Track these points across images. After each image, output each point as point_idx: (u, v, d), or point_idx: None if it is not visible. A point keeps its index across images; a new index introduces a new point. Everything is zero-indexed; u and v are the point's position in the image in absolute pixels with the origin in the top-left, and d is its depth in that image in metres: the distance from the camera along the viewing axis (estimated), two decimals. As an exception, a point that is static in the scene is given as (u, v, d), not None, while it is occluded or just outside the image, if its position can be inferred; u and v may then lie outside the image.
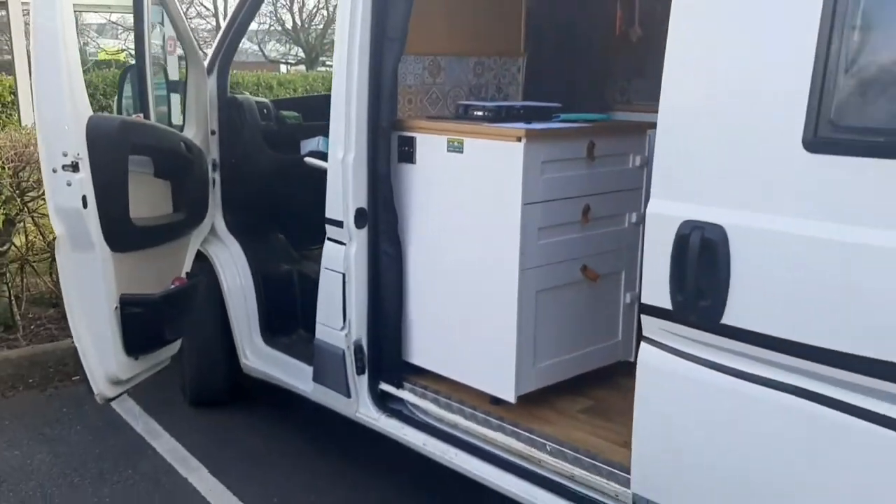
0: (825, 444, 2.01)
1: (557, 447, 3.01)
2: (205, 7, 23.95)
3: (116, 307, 3.59)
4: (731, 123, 2.14)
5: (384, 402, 3.65)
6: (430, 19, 3.63)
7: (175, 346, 4.10)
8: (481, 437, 3.27)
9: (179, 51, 4.31)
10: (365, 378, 3.64)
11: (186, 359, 4.56)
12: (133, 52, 4.22)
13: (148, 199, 3.77)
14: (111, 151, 3.40)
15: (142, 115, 3.93)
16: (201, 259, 4.39)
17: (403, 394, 3.61)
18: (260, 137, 4.50)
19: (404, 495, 3.80)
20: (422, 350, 3.56)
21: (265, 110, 4.62)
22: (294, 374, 4.06)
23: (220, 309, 4.40)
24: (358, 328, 3.59)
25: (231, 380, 4.55)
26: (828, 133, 1.93)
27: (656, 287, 2.28)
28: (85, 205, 3.38)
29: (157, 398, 4.76)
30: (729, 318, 2.14)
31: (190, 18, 22.78)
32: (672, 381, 2.32)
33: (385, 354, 3.63)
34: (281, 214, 4.61)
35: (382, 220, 3.50)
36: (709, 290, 2.16)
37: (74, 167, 3.33)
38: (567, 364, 3.38)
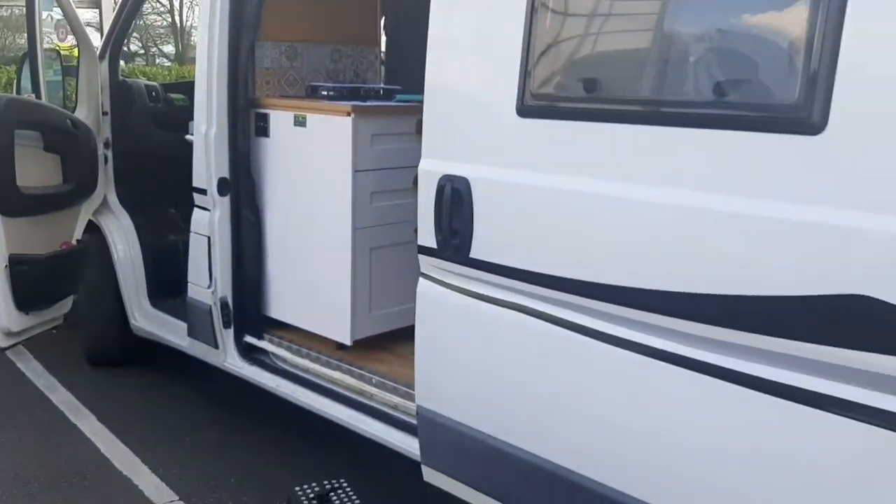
0: (552, 354, 2.50)
1: (381, 380, 3.49)
2: (160, 3, 24.16)
3: (6, 266, 3.99)
4: (469, 95, 2.64)
5: (248, 353, 4.09)
6: (287, 8, 4.08)
7: (66, 305, 4.52)
8: (324, 377, 3.74)
9: (72, 39, 4.71)
10: (231, 331, 4.07)
11: (83, 321, 4.97)
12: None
13: (38, 170, 4.17)
14: (-2, 125, 3.80)
15: (33, 95, 4.33)
16: (94, 229, 4.79)
17: (263, 344, 4.05)
18: (149, 118, 4.91)
19: (274, 436, 4.25)
20: (278, 305, 4.02)
21: (153, 93, 5.03)
22: (174, 332, 4.48)
23: (112, 275, 4.80)
24: (223, 286, 4.02)
25: (123, 340, 4.94)
26: (531, 102, 2.43)
27: (426, 231, 2.77)
28: (-28, 173, 3.78)
29: (60, 359, 5.17)
30: (475, 253, 2.63)
31: (146, 15, 22.97)
32: (438, 307, 2.80)
33: (247, 309, 4.07)
34: (171, 190, 5.01)
35: (242, 188, 3.94)
36: (459, 230, 2.65)
37: (-40, 139, 3.73)
38: (400, 314, 3.84)
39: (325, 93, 3.86)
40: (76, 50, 4.70)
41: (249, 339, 4.09)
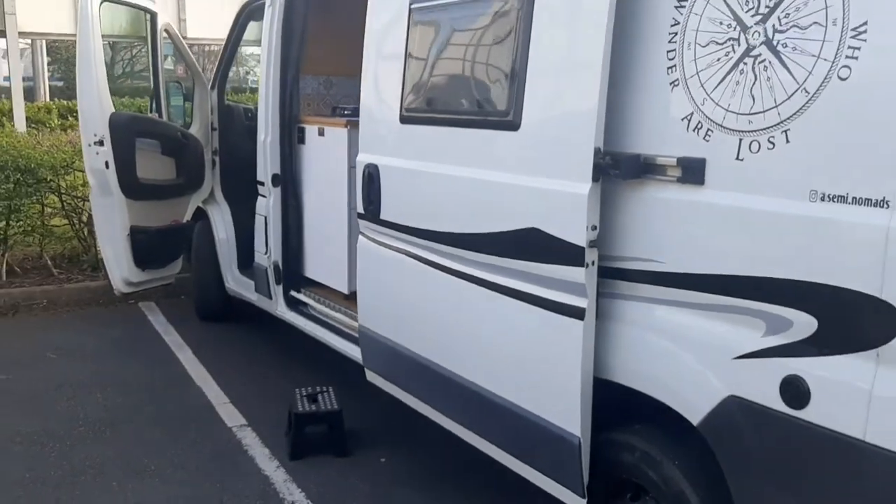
0: (416, 280, 3.71)
1: (352, 313, 4.76)
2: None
3: (128, 234, 5.68)
4: (378, 111, 3.95)
5: (292, 303, 5.53)
6: (324, 50, 5.53)
7: (175, 267, 6.19)
8: (331, 318, 5.10)
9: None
10: (280, 287, 5.53)
11: (193, 285, 6.64)
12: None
13: (157, 167, 5.87)
14: (122, 134, 5.49)
15: (156, 114, 6.05)
16: (204, 214, 6.45)
17: (301, 296, 5.49)
18: (244, 132, 6.51)
19: (296, 361, 5.67)
20: (311, 266, 5.44)
21: (249, 114, 6.63)
22: (249, 290, 6.01)
23: (214, 250, 6.42)
24: (275, 253, 5.49)
25: (221, 299, 6.55)
26: (405, 114, 3.70)
27: (361, 202, 4.08)
28: (107, 167, 5.49)
29: (178, 313, 6.88)
30: (383, 216, 3.92)
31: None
32: (366, 254, 4.11)
33: (291, 270, 5.51)
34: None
35: (289, 181, 5.40)
36: (373, 200, 3.95)
37: (100, 143, 5.45)
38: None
39: (340, 112, 5.26)
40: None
41: (293, 293, 5.53)
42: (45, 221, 7.63)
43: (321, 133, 5.14)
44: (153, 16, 6.03)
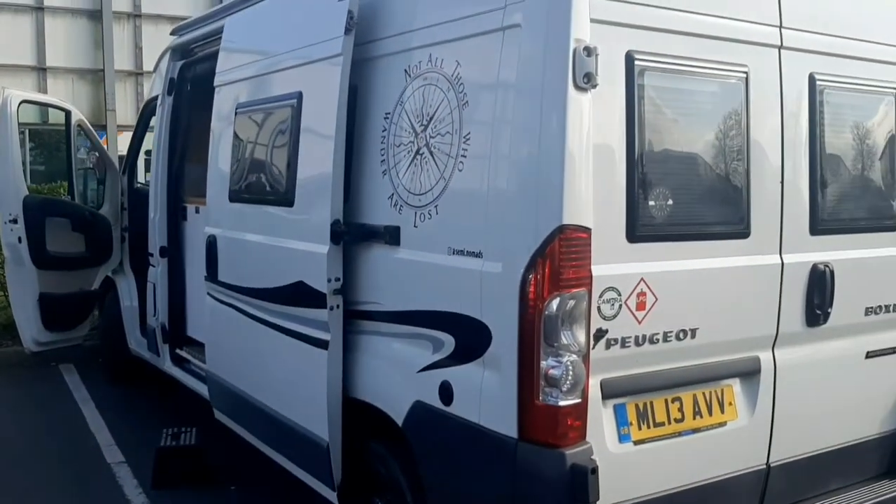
0: (237, 328, 4.62)
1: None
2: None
3: (37, 299, 6.55)
4: (215, 193, 4.90)
5: (177, 359, 6.36)
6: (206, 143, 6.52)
7: (82, 330, 7.03)
8: (202, 368, 5.95)
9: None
10: (167, 346, 6.38)
11: (101, 347, 7.48)
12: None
13: (67, 242, 6.77)
14: (34, 213, 6.42)
15: (69, 197, 6.99)
16: (112, 283, 7.34)
17: (183, 353, 6.33)
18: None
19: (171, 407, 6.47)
20: (193, 327, 6.30)
21: (154, 196, 7.57)
22: (146, 350, 6.86)
23: (120, 316, 7.27)
24: (162, 315, 6.35)
25: (127, 361, 7.36)
26: (232, 195, 4.65)
27: (206, 266, 4.99)
28: (20, 241, 6.40)
29: (92, 376, 7.70)
30: (220, 277, 4.83)
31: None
32: (211, 309, 5.00)
33: (177, 330, 6.37)
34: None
35: (174, 253, 6.32)
36: (213, 264, 4.86)
37: (14, 221, 6.37)
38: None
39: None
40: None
41: (177, 350, 6.37)
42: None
43: (197, 211, 6.08)
44: (68, 113, 7.05)
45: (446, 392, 3.22)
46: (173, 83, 6.16)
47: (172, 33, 6.52)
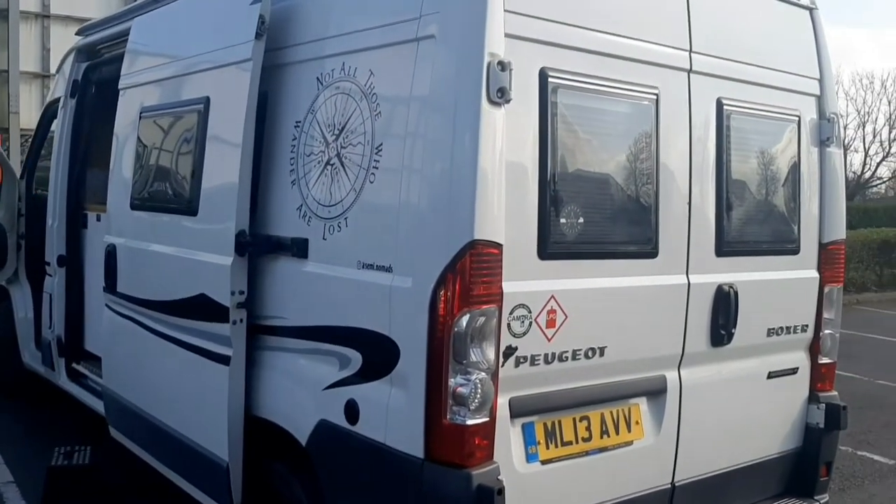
0: (134, 340, 4.42)
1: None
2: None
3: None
4: (114, 200, 4.70)
5: (73, 374, 6.06)
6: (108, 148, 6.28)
7: (-30, 343, 6.63)
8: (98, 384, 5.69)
9: None
10: (63, 360, 6.08)
11: (-8, 358, 7.09)
12: None
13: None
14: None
15: (-37, 202, 6.62)
16: (6, 293, 6.97)
17: (80, 368, 6.04)
18: (50, 219, 7.11)
19: (68, 425, 6.17)
20: (91, 340, 6.02)
21: (54, 202, 7.24)
22: (39, 362, 6.52)
23: (13, 327, 6.91)
24: (58, 327, 6.05)
25: (19, 374, 6.99)
26: (134, 203, 4.47)
27: (104, 277, 4.77)
28: None
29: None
30: (119, 288, 4.62)
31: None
32: (109, 322, 4.78)
33: (74, 344, 6.07)
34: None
35: (73, 262, 6.03)
36: (112, 275, 4.65)
37: None
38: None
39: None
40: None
41: (74, 365, 6.07)
42: None
43: (98, 219, 5.83)
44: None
45: (352, 411, 3.13)
46: (77, 85, 5.91)
47: (78, 33, 6.26)
